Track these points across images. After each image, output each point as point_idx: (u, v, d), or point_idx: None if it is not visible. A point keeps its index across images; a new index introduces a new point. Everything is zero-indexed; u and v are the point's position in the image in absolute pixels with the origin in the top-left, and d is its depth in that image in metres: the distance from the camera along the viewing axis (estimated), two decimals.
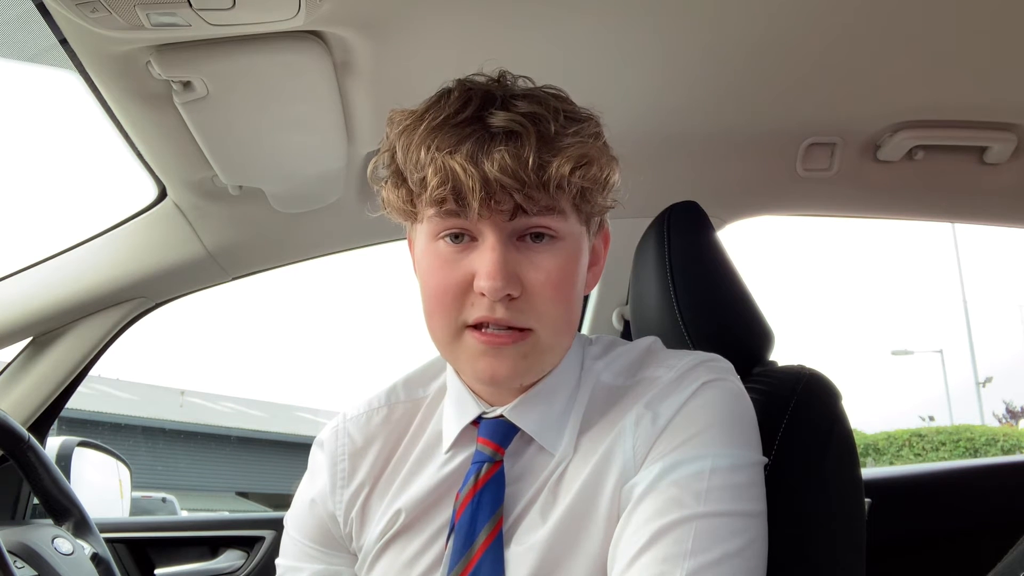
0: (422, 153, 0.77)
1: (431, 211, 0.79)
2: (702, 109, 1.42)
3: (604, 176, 0.82)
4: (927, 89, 1.37)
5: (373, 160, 0.87)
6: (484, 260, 0.78)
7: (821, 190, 1.64)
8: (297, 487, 0.99)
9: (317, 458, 0.97)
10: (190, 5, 0.92)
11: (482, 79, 0.84)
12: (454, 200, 0.77)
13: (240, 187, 1.44)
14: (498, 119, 0.77)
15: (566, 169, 0.77)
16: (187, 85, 1.11)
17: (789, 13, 1.15)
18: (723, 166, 1.58)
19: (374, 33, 1.11)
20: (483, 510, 0.82)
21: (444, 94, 0.82)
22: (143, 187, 1.49)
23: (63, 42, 1.05)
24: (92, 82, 1.14)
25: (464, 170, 0.75)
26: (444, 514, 0.86)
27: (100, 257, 1.56)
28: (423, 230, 0.83)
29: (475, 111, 0.78)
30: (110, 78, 1.12)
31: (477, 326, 0.80)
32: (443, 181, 0.76)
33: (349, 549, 0.94)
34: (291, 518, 0.97)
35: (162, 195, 1.50)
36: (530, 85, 0.84)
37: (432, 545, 0.85)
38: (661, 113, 1.42)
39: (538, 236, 0.80)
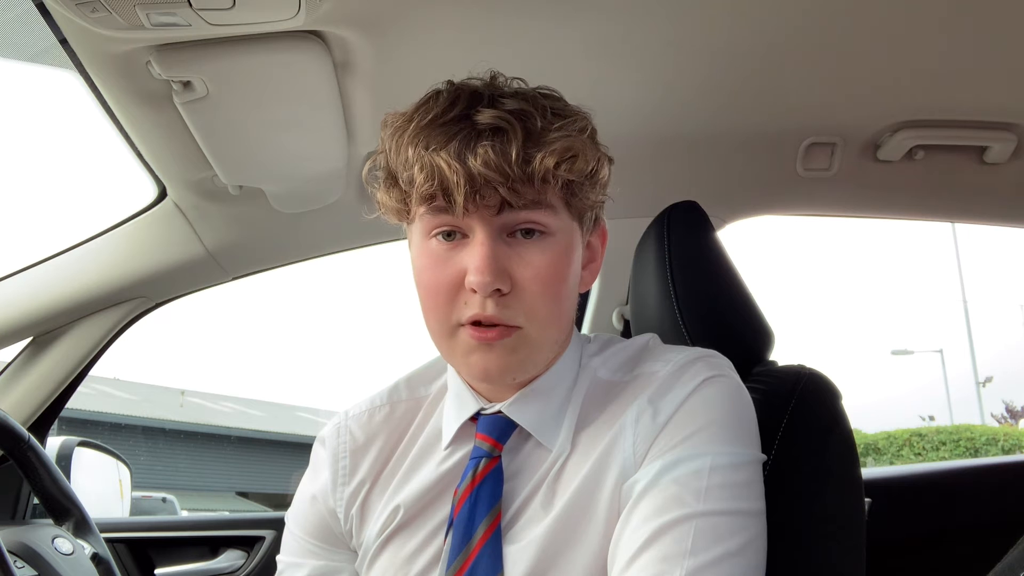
0: (411, 152, 0.79)
1: (422, 209, 0.81)
2: (702, 109, 1.42)
3: (591, 169, 0.82)
4: (927, 89, 1.37)
5: (368, 163, 0.88)
6: (473, 255, 0.79)
7: (821, 190, 1.64)
8: (297, 487, 0.99)
9: (319, 454, 0.97)
10: (190, 5, 0.92)
11: (476, 82, 0.84)
12: (441, 196, 0.78)
13: (240, 187, 1.44)
14: (485, 116, 0.78)
15: (551, 162, 0.78)
16: (187, 85, 1.11)
17: (789, 13, 1.15)
18: (723, 166, 1.58)
19: (374, 33, 1.11)
20: (481, 505, 0.83)
21: (433, 95, 0.83)
22: (143, 187, 1.49)
23: (63, 42, 1.05)
24: (92, 82, 1.14)
25: (449, 166, 0.76)
26: (443, 510, 0.86)
27: (100, 257, 1.56)
28: (416, 229, 0.84)
29: (463, 110, 0.80)
30: (110, 78, 1.12)
31: (471, 323, 0.81)
32: (429, 177, 0.77)
33: (349, 546, 0.94)
34: (292, 514, 0.97)
35: (162, 195, 1.50)
36: (523, 86, 0.85)
37: (431, 541, 0.86)
38: (661, 113, 1.42)
39: (528, 232, 0.81)
